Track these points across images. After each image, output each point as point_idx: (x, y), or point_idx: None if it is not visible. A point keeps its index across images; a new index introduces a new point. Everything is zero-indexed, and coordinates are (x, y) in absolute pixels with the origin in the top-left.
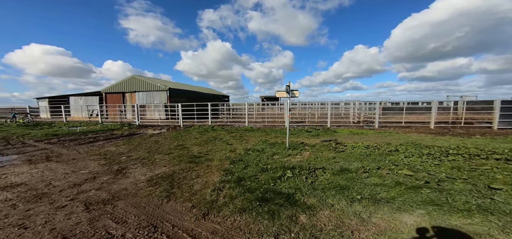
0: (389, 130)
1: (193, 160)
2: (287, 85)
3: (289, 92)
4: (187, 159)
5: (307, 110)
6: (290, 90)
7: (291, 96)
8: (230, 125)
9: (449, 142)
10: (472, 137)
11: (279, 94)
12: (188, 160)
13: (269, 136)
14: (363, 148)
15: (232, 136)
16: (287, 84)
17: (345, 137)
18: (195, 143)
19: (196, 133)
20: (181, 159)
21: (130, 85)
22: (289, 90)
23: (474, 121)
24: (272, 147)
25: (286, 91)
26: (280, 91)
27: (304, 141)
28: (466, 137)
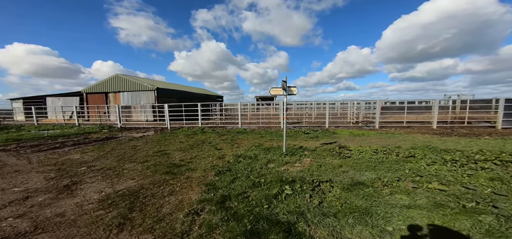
0: (390, 130)
1: (171, 170)
2: (283, 81)
3: (286, 89)
4: (164, 169)
5: (304, 110)
6: (286, 86)
7: (288, 94)
8: (222, 126)
9: (461, 144)
10: (481, 138)
11: (274, 92)
12: (165, 170)
13: (264, 139)
14: (372, 152)
15: (223, 139)
16: (284, 80)
17: (346, 138)
18: (179, 147)
19: (183, 135)
20: (156, 169)
21: (114, 85)
22: (286, 87)
23: (473, 120)
24: (266, 153)
25: (283, 88)
26: (276, 89)
27: (302, 144)
28: (474, 138)
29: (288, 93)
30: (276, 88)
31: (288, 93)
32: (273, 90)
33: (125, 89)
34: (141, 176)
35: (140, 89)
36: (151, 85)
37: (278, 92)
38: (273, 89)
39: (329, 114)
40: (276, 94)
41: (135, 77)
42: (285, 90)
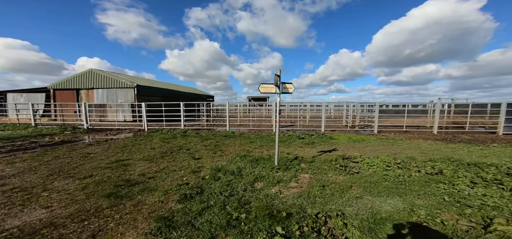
0: (390, 135)
1: (117, 192)
2: (276, 75)
3: (280, 85)
4: (109, 190)
5: (298, 112)
6: (280, 82)
7: (283, 92)
8: (208, 129)
9: (476, 153)
10: (489, 145)
11: (264, 89)
12: (110, 191)
13: (253, 145)
14: (384, 166)
15: (205, 145)
16: (277, 74)
17: (345, 145)
18: (146, 156)
19: (159, 139)
20: (96, 190)
21: (86, 80)
22: (280, 83)
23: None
24: (254, 165)
25: (275, 84)
26: (266, 85)
27: (297, 152)
28: (482, 145)
29: (282, 91)
30: (267, 85)
31: (282, 91)
32: (263, 87)
33: (100, 85)
34: (65, 201)
35: (117, 86)
36: (130, 82)
37: (269, 89)
38: (263, 86)
39: (325, 117)
40: (267, 92)
41: (111, 73)
42: (279, 87)
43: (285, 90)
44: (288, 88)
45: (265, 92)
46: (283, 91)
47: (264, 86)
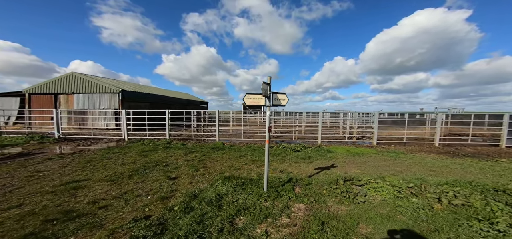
0: (390, 147)
1: (43, 231)
2: (265, 83)
3: (270, 96)
4: (32, 227)
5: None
6: (270, 92)
7: (275, 104)
8: (196, 139)
9: (488, 171)
10: (498, 160)
11: (250, 101)
12: (32, 229)
13: (243, 160)
14: (394, 192)
15: (188, 159)
16: (266, 82)
17: (345, 159)
18: (111, 175)
19: (136, 152)
20: (15, 227)
21: (66, 85)
22: (270, 93)
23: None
24: (239, 191)
25: (264, 95)
26: (253, 96)
27: (292, 170)
28: (490, 160)
29: (274, 103)
30: (253, 95)
31: (274, 103)
32: (249, 99)
33: (81, 90)
34: None
35: (99, 91)
36: (114, 87)
37: (256, 101)
38: (248, 97)
39: (321, 127)
40: (254, 104)
41: (94, 77)
42: (268, 98)
43: (276, 102)
44: (280, 99)
45: (252, 104)
46: (275, 103)
47: (250, 97)
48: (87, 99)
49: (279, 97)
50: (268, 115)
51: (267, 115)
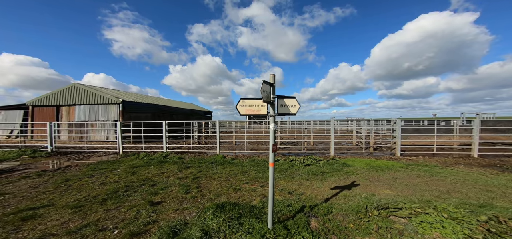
0: (418, 159)
1: None
2: (267, 83)
3: (275, 102)
4: None
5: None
6: (275, 97)
7: (281, 113)
8: (195, 152)
9: None
10: None
11: (246, 110)
12: None
13: (244, 178)
14: (463, 230)
15: (181, 177)
16: (267, 81)
17: (366, 175)
18: (81, 199)
19: (125, 168)
20: None
21: (68, 96)
22: (273, 98)
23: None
24: (234, 228)
25: (266, 100)
26: (250, 102)
27: (303, 190)
28: None
29: (280, 112)
30: (250, 101)
31: (280, 112)
32: (245, 106)
33: (82, 101)
34: None
35: (100, 102)
36: (115, 98)
37: (255, 110)
38: (244, 104)
39: (334, 137)
40: (251, 113)
41: (95, 88)
42: (272, 105)
43: (283, 110)
44: (289, 107)
45: (248, 114)
46: (281, 111)
47: (246, 103)
48: (88, 110)
49: (287, 103)
50: (272, 129)
51: (270, 129)
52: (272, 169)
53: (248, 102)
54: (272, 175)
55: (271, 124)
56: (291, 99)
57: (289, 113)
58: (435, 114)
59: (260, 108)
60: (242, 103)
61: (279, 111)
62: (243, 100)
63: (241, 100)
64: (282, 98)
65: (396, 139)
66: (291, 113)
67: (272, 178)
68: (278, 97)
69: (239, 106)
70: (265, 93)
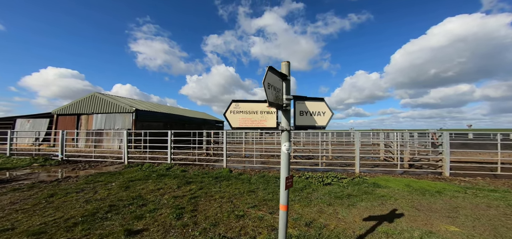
0: (476, 181)
1: None
2: (275, 73)
3: (290, 106)
4: None
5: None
6: (289, 98)
7: (302, 124)
8: (201, 164)
9: None
10: None
11: (240, 121)
12: None
13: (251, 199)
14: None
15: (177, 195)
16: (276, 70)
17: (410, 202)
18: (49, 222)
19: (121, 182)
20: None
21: (88, 105)
22: (286, 100)
23: None
24: None
25: (274, 102)
26: (244, 106)
27: (325, 221)
28: None
29: (299, 123)
30: (245, 103)
31: (299, 123)
32: (237, 114)
33: (100, 110)
34: None
35: (115, 110)
36: (129, 107)
37: (255, 119)
38: (236, 109)
39: (359, 151)
40: (248, 127)
41: (112, 97)
42: (286, 111)
43: (306, 120)
44: (315, 115)
45: (245, 126)
46: (301, 123)
47: (240, 108)
48: (105, 119)
49: (311, 108)
50: (285, 151)
51: (283, 151)
52: (284, 214)
53: (244, 107)
54: (283, 225)
55: (284, 142)
56: (317, 102)
57: (315, 126)
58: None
59: (265, 117)
60: (235, 109)
61: (298, 123)
62: (237, 103)
63: (234, 104)
64: (303, 100)
65: (444, 155)
66: (319, 126)
67: (284, 229)
68: (296, 99)
69: (230, 114)
70: (273, 90)
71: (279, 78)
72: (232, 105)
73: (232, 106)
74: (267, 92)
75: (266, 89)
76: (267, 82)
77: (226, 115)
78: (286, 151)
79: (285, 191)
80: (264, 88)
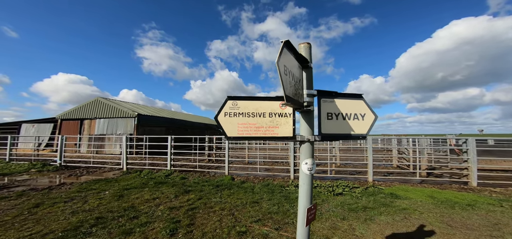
0: (508, 192)
1: None
2: (293, 52)
3: (312, 106)
4: None
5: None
6: (313, 93)
7: (331, 133)
8: (202, 170)
9: None
10: None
11: (239, 128)
12: None
13: (253, 212)
14: None
15: (174, 205)
16: (294, 49)
17: (440, 217)
18: (33, 236)
19: (115, 190)
20: None
21: (91, 110)
22: (310, 96)
23: None
24: None
25: (292, 97)
26: (245, 107)
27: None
28: None
29: (326, 130)
30: (249, 103)
31: (326, 130)
32: (236, 120)
33: (103, 115)
34: None
35: (118, 115)
36: (131, 112)
37: (261, 125)
38: (232, 113)
39: (372, 158)
40: (251, 137)
41: (115, 101)
42: (307, 112)
43: (337, 127)
44: (350, 119)
45: (246, 136)
46: (330, 130)
47: (238, 108)
48: (107, 124)
49: (343, 109)
50: (308, 171)
51: (303, 171)
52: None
53: (246, 107)
54: (305, 232)
55: (305, 159)
56: (352, 100)
57: (351, 135)
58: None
59: (277, 122)
60: (232, 110)
61: (326, 130)
62: (235, 101)
63: (230, 102)
64: (331, 97)
65: (470, 163)
66: (356, 135)
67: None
68: (322, 95)
69: (225, 117)
70: (292, 78)
71: (298, 63)
72: (228, 104)
73: (228, 105)
74: (283, 80)
75: (282, 74)
76: (283, 64)
77: (219, 120)
78: (308, 171)
79: (306, 227)
80: (279, 74)
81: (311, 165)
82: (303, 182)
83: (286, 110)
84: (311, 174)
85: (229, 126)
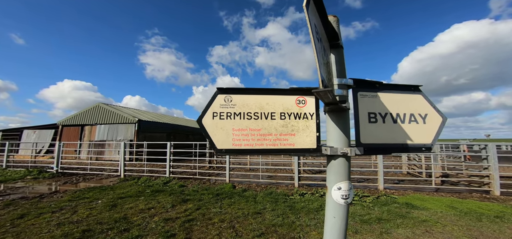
0: None
1: None
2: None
3: (348, 102)
4: None
5: None
6: (349, 83)
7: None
8: (202, 178)
9: None
10: None
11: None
12: None
13: (255, 223)
14: None
15: (170, 216)
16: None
17: (465, 231)
18: None
19: (109, 199)
20: None
21: (92, 116)
22: (344, 86)
23: None
24: None
25: (325, 83)
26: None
27: None
28: None
29: (371, 140)
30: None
31: (371, 140)
32: (232, 125)
33: (103, 121)
34: None
35: (118, 121)
36: (132, 117)
37: (272, 133)
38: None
39: (383, 165)
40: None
41: (115, 107)
42: (340, 112)
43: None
44: (406, 126)
45: (245, 149)
46: (376, 141)
47: (239, 105)
48: (107, 129)
49: (393, 108)
50: (343, 201)
51: (335, 200)
52: None
53: (244, 104)
54: None
55: (338, 182)
56: (407, 94)
57: (408, 146)
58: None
59: (293, 126)
60: (224, 109)
61: (368, 138)
62: (228, 96)
63: (221, 97)
64: (375, 90)
65: (492, 170)
66: (416, 145)
67: None
68: (361, 85)
69: (212, 121)
70: (323, 55)
71: (326, 36)
72: (218, 100)
73: (218, 102)
74: (317, 47)
75: (315, 42)
76: (313, 20)
77: (204, 124)
78: (343, 200)
79: None
80: (310, 32)
81: (348, 190)
82: (334, 213)
83: (305, 109)
84: (347, 204)
85: (219, 133)
